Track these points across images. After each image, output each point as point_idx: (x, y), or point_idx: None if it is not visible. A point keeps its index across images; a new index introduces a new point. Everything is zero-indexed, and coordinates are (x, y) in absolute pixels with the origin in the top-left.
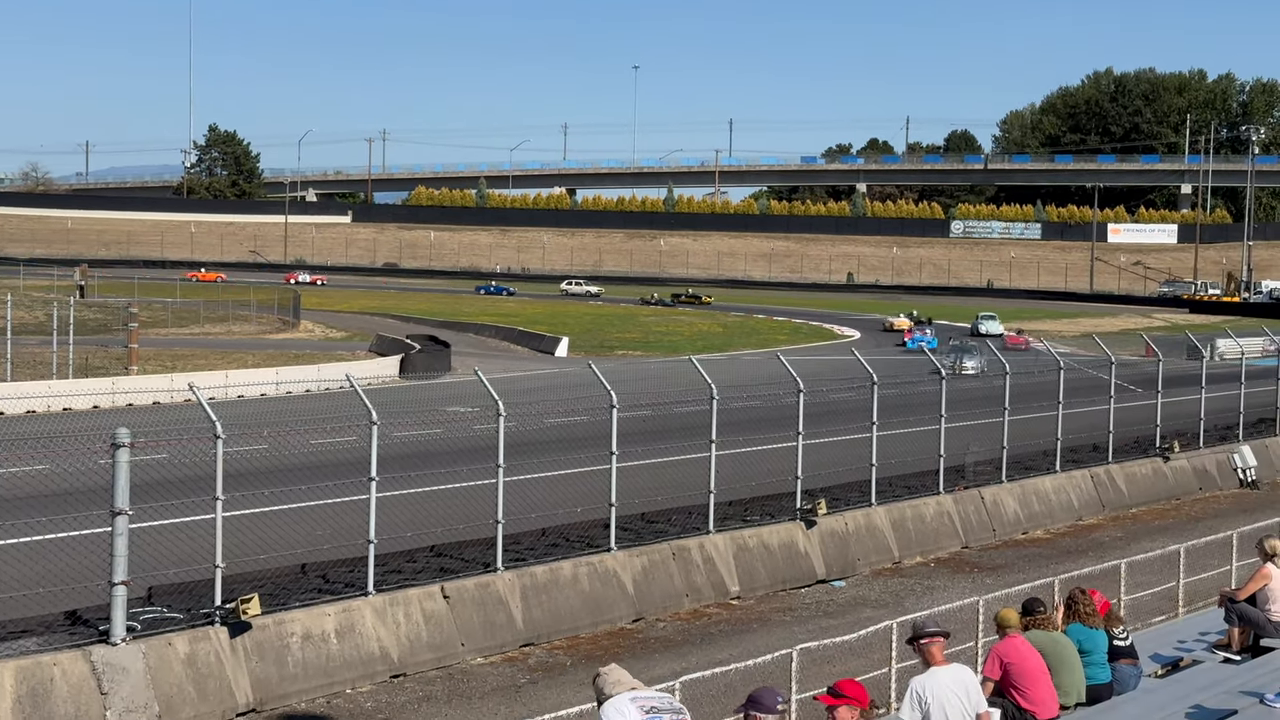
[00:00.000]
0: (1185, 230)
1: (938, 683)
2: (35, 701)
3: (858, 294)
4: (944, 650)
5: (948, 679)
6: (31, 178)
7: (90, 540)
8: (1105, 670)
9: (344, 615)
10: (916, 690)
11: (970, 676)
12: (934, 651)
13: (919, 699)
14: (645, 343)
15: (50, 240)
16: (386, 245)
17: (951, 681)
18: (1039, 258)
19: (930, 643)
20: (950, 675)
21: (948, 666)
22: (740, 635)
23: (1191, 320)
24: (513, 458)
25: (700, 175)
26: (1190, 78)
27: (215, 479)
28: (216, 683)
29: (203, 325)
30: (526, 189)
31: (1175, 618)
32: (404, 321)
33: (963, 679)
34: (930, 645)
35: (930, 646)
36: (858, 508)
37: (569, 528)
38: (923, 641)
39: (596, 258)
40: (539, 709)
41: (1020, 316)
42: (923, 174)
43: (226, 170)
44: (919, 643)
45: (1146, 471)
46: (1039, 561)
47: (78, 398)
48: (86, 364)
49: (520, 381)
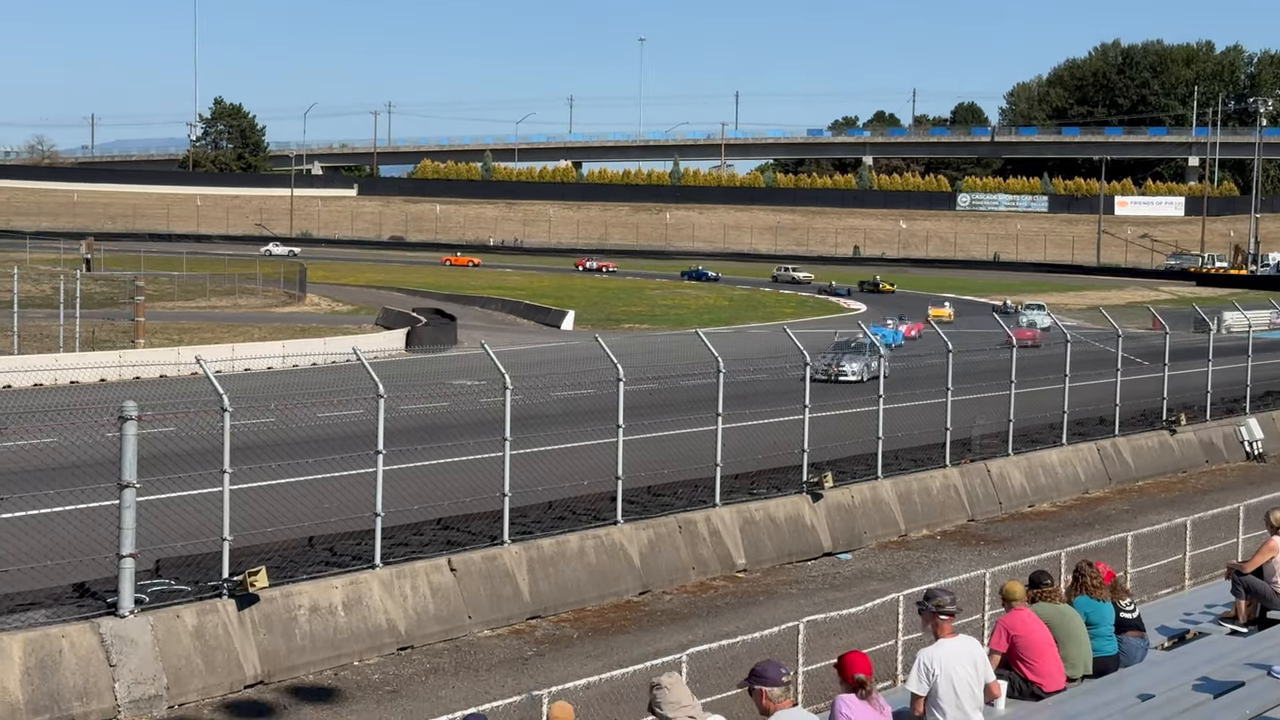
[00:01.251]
0: (1192, 203)
1: (945, 654)
2: (44, 673)
3: (864, 267)
4: (952, 624)
5: (955, 651)
6: (37, 151)
7: (98, 513)
8: (1112, 642)
9: (351, 588)
10: (924, 662)
11: (978, 648)
12: (943, 624)
13: (927, 670)
14: (652, 316)
15: (56, 213)
16: (392, 218)
17: (959, 653)
18: (1045, 230)
19: (944, 619)
20: (958, 647)
21: (955, 639)
22: (747, 608)
23: (1198, 293)
24: (519, 431)
25: (706, 148)
26: (1198, 49)
27: (222, 452)
28: (224, 655)
29: (209, 298)
30: (532, 162)
31: (1182, 590)
32: (410, 295)
33: (970, 651)
34: (940, 619)
35: (940, 619)
36: (864, 481)
37: (575, 501)
38: (936, 616)
39: (602, 231)
40: (546, 681)
41: (1027, 289)
42: (929, 147)
43: (232, 143)
44: (931, 616)
45: (1153, 444)
46: (1045, 534)
47: (84, 371)
48: (93, 337)
49: (526, 355)
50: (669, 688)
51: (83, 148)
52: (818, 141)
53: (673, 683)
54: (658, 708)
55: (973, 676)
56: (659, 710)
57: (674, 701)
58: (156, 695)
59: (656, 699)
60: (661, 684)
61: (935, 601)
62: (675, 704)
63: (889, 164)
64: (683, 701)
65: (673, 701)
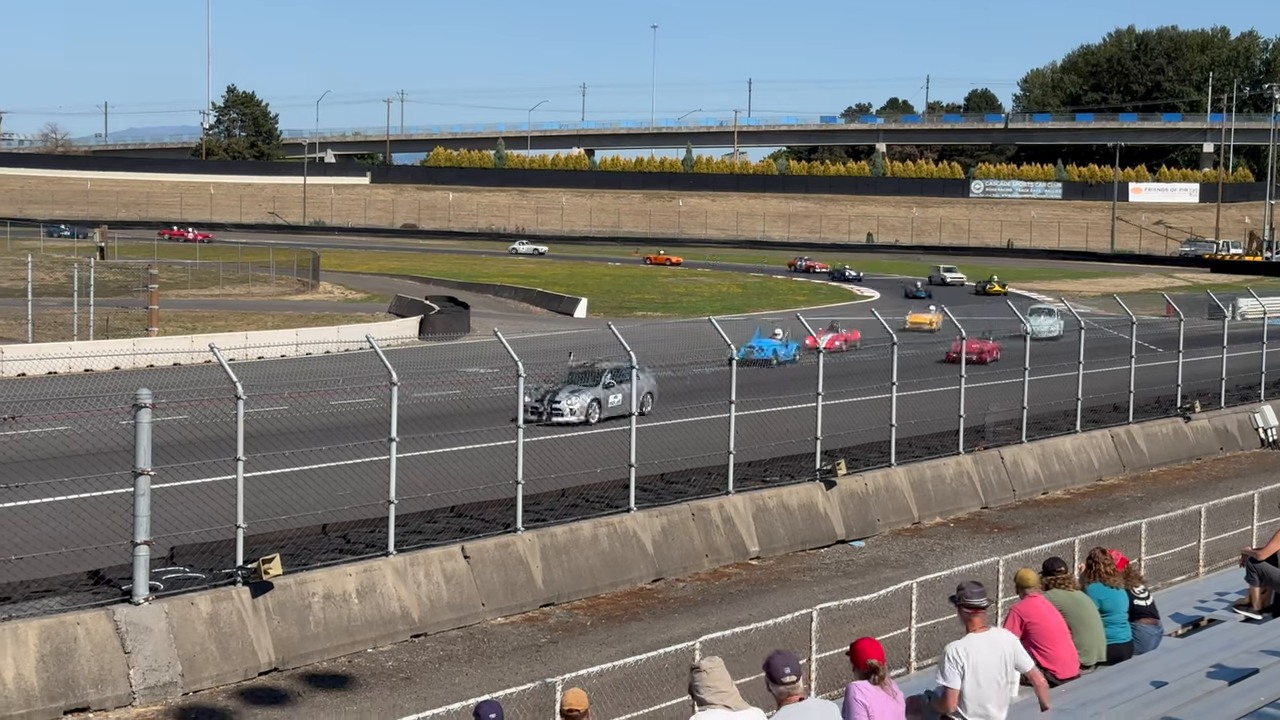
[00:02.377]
0: (1207, 189)
1: (974, 648)
2: (59, 660)
3: (877, 254)
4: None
5: (984, 644)
6: (51, 139)
7: (112, 501)
8: (1126, 630)
9: (365, 575)
10: (953, 655)
11: (1009, 641)
12: (974, 618)
13: (956, 662)
14: (664, 304)
15: (70, 202)
16: (405, 206)
17: (988, 647)
18: (1060, 217)
19: (973, 613)
20: (987, 641)
21: (985, 632)
22: (760, 595)
23: (1213, 280)
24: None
25: (719, 135)
26: (1213, 35)
27: (236, 440)
28: (239, 642)
29: (222, 287)
30: (545, 150)
31: (1196, 577)
32: (423, 283)
33: (1000, 644)
34: (973, 614)
35: (972, 615)
36: (877, 468)
37: (589, 488)
38: (966, 611)
39: (615, 219)
40: (559, 668)
41: (1040, 276)
42: (943, 134)
43: (245, 131)
44: (964, 611)
45: (1167, 431)
46: (1059, 522)
47: (99, 359)
48: (107, 325)
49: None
50: (708, 671)
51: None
52: (831, 129)
53: (713, 667)
54: (696, 691)
55: (1000, 672)
56: (697, 694)
57: (712, 686)
58: (171, 682)
59: (696, 682)
60: (701, 668)
61: (964, 594)
62: (713, 689)
63: (902, 151)
64: (720, 687)
65: (710, 686)
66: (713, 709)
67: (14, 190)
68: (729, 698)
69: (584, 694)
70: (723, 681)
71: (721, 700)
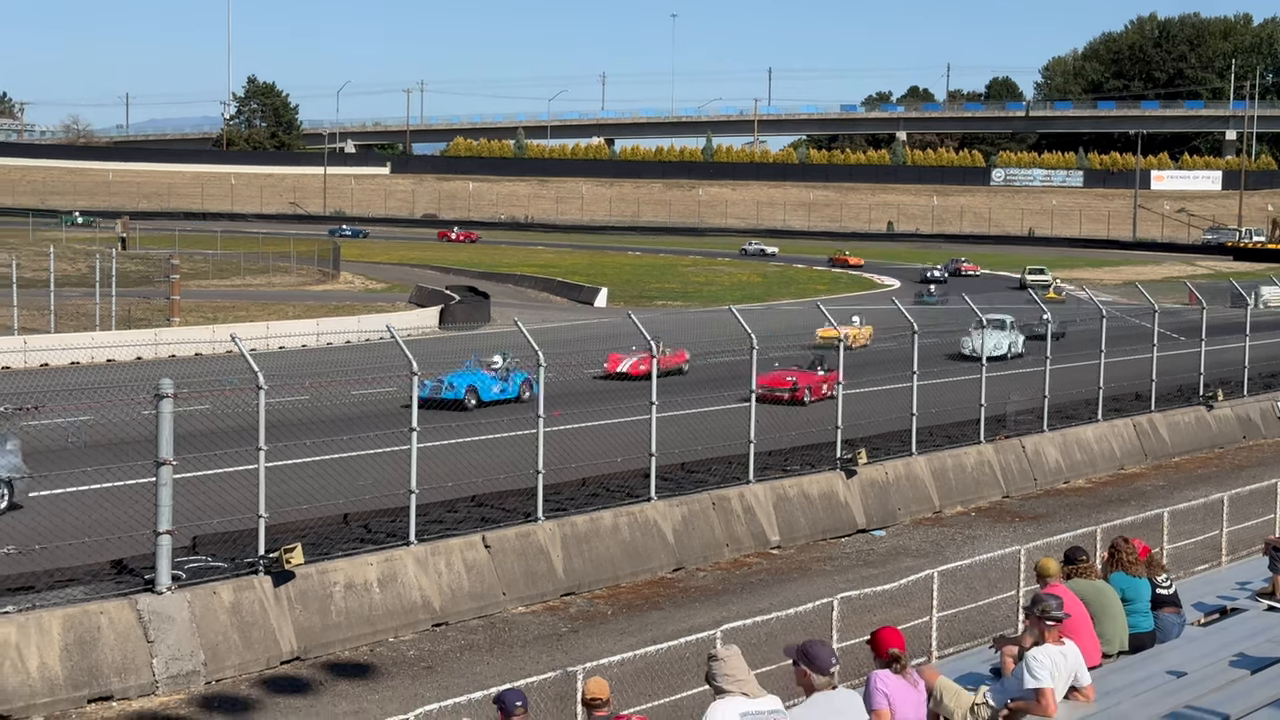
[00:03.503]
0: (1230, 177)
1: (1052, 656)
2: (83, 649)
3: (898, 243)
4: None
5: (1059, 655)
6: (73, 130)
7: (135, 490)
8: (1148, 619)
9: (386, 565)
10: (1040, 657)
11: (1076, 651)
12: (1050, 630)
13: (1044, 664)
14: (684, 293)
15: (92, 193)
16: (425, 196)
17: (1061, 657)
18: (1081, 205)
19: (1054, 625)
20: (1060, 653)
21: (1060, 645)
22: (781, 584)
23: (1235, 268)
24: (553, 408)
25: (739, 124)
26: (1235, 22)
27: (258, 429)
28: (261, 631)
29: (243, 277)
30: (564, 139)
31: (1219, 566)
32: (443, 272)
33: (1070, 657)
34: (1053, 627)
35: (1053, 628)
36: (898, 457)
37: (609, 478)
38: (1048, 623)
39: (635, 208)
40: (580, 657)
41: (1062, 265)
42: (963, 122)
43: (265, 122)
44: (1038, 621)
45: (1189, 420)
46: (1081, 510)
47: (120, 349)
48: (129, 315)
49: (560, 332)
50: (725, 659)
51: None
52: (851, 117)
53: (730, 655)
54: (713, 679)
55: (1065, 682)
56: (714, 682)
57: (729, 674)
58: (194, 671)
59: (713, 671)
60: (718, 655)
61: (1042, 607)
62: (730, 677)
63: (923, 139)
64: (738, 675)
65: (728, 674)
66: (731, 697)
67: (36, 181)
68: (746, 685)
69: (605, 683)
70: (740, 669)
71: (739, 688)
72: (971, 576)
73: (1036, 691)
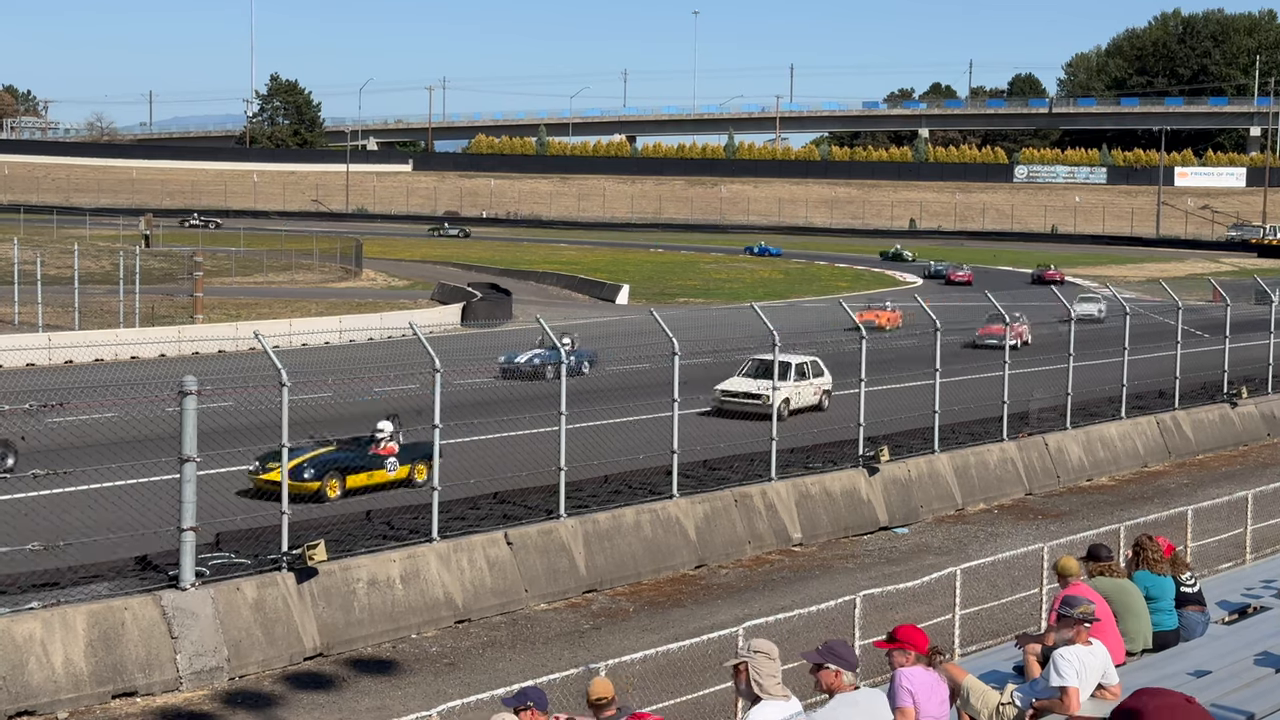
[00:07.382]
0: (1254, 173)
1: (1080, 656)
2: (108, 644)
3: (920, 240)
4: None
5: (1088, 655)
6: (96, 128)
7: (158, 487)
8: (1172, 617)
9: (409, 561)
10: (1068, 656)
11: (1104, 651)
12: (1082, 631)
13: (1072, 664)
14: (706, 290)
15: (115, 190)
16: (447, 193)
17: (1090, 657)
18: (1104, 202)
19: (1084, 625)
20: (1089, 653)
21: (1089, 646)
22: (803, 582)
23: (1260, 264)
24: (575, 405)
25: (761, 121)
26: (1260, 18)
27: (281, 426)
28: (284, 627)
29: (266, 274)
30: (586, 136)
31: (1243, 564)
32: (466, 270)
33: (1100, 657)
34: (1083, 627)
35: (1083, 628)
36: (920, 454)
37: (631, 475)
38: (1080, 624)
39: (657, 205)
40: (602, 654)
41: (1085, 262)
42: (986, 118)
43: (288, 119)
44: (1074, 623)
45: (1213, 418)
46: (1104, 508)
47: (144, 346)
48: (153, 312)
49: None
50: (771, 658)
51: (141, 125)
52: (873, 114)
53: (772, 651)
54: (756, 679)
55: (1093, 682)
56: (756, 681)
57: (772, 675)
58: (217, 667)
59: (758, 669)
60: (761, 650)
61: (1081, 610)
62: (774, 678)
63: (945, 136)
64: (778, 675)
65: (771, 675)
66: (773, 700)
67: (60, 179)
68: (776, 680)
69: (609, 683)
70: (778, 669)
71: (780, 691)
72: (994, 574)
73: (1061, 690)
